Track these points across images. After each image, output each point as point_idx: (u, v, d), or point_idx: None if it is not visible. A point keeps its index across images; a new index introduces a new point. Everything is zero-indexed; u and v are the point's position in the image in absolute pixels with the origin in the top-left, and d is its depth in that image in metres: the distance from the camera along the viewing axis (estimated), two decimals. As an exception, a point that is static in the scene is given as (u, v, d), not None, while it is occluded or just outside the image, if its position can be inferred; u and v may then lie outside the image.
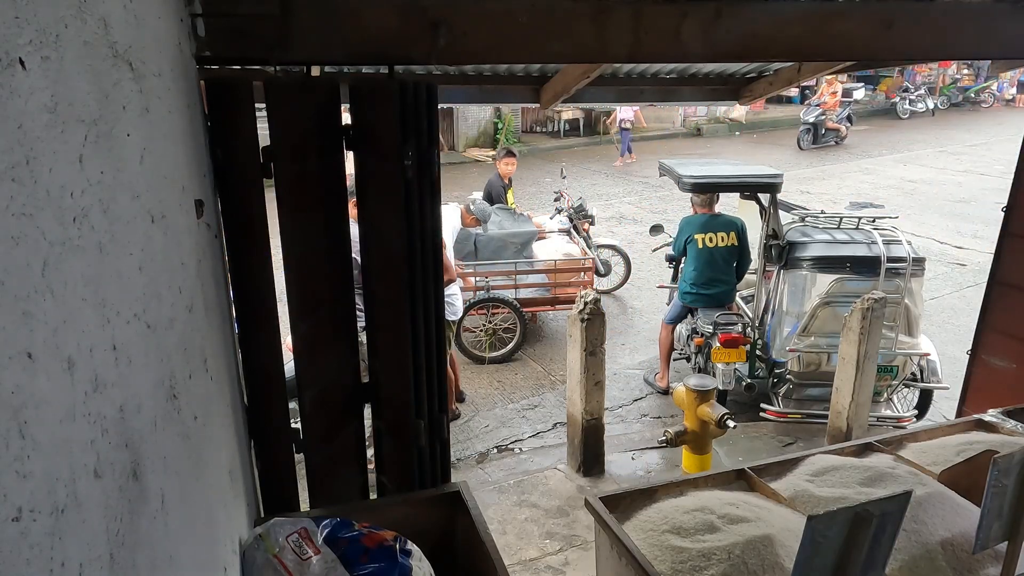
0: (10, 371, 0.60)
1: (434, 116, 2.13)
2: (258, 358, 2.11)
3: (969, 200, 11.30)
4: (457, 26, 2.00)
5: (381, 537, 1.78)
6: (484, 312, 6.10)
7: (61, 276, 0.72)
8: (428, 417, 2.34)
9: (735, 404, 5.19)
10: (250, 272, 2.04)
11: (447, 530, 2.13)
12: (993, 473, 1.81)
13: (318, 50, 1.97)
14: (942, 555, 2.13)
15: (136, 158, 1.05)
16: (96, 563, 0.74)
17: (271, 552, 1.68)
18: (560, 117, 16.35)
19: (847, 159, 14.57)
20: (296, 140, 1.99)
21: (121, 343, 0.89)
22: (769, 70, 4.05)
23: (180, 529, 1.12)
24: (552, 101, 3.82)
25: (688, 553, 2.08)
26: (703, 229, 5.25)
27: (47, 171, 0.70)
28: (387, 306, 2.21)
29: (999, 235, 3.59)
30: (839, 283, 4.81)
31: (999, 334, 3.59)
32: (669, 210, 9.77)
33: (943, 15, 2.52)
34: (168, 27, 1.44)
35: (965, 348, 3.81)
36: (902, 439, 2.87)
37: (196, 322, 1.42)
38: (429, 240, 2.20)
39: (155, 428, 1.02)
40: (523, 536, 3.71)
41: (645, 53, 2.23)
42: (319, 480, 2.30)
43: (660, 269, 7.32)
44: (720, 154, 14.39)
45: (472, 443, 4.99)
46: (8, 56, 0.63)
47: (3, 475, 0.57)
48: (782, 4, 2.33)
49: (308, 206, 2.05)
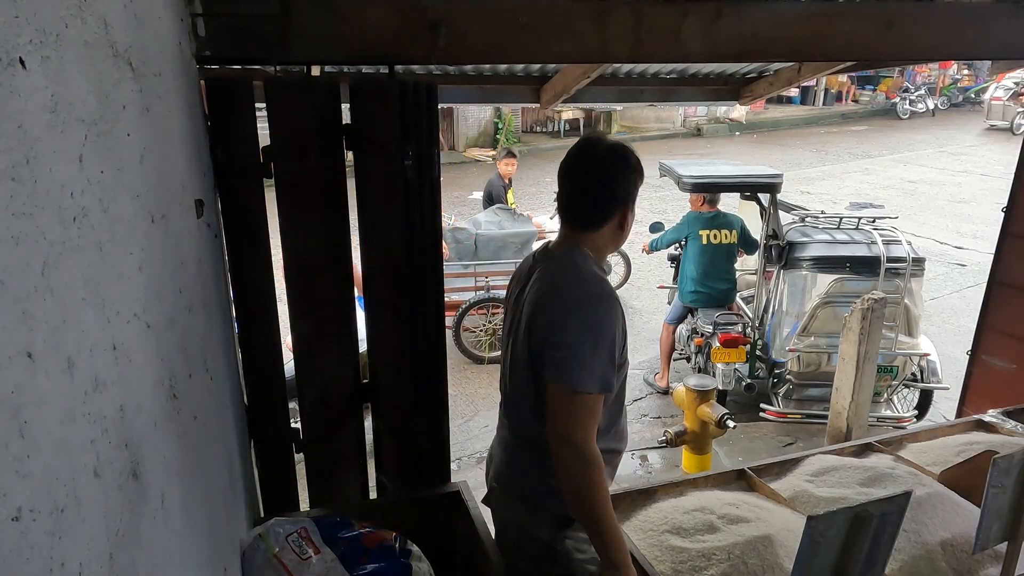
0: (10, 371, 0.60)
1: (434, 116, 2.13)
2: (258, 358, 2.11)
3: (969, 200, 11.30)
4: (457, 26, 2.00)
5: (381, 537, 1.78)
6: (484, 312, 6.11)
7: (61, 276, 0.72)
8: (428, 417, 2.34)
9: (735, 404, 5.19)
10: (250, 272, 2.05)
11: (447, 530, 2.13)
12: (993, 473, 1.81)
13: (318, 50, 1.97)
14: (942, 555, 2.13)
15: (136, 158, 1.05)
16: (96, 563, 0.74)
17: (271, 552, 1.68)
18: (560, 117, 16.35)
19: (847, 159, 14.57)
20: (296, 140, 1.99)
21: (121, 343, 0.89)
22: (769, 70, 4.05)
23: (180, 529, 1.12)
24: (552, 101, 3.82)
25: (688, 553, 2.08)
26: (707, 226, 5.26)
27: (47, 171, 0.70)
28: (387, 306, 2.21)
29: (999, 235, 3.58)
30: (839, 283, 4.81)
31: (999, 334, 3.59)
32: (669, 210, 9.76)
33: (943, 15, 2.52)
34: (168, 27, 1.44)
35: (965, 348, 3.81)
36: (902, 439, 2.87)
37: (196, 322, 1.42)
38: (429, 240, 2.20)
39: (155, 428, 1.02)
40: (523, 536, 3.70)
41: (645, 53, 2.23)
42: (319, 480, 2.30)
43: (660, 269, 7.32)
44: (720, 154, 14.39)
45: (472, 443, 4.99)
46: (8, 56, 0.63)
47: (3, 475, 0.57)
48: (782, 4, 2.33)
49: (308, 206, 2.05)
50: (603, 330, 1.69)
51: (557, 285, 1.77)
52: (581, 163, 1.80)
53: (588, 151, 1.81)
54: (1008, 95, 17.38)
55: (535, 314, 1.76)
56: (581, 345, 1.66)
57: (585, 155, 1.80)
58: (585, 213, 1.81)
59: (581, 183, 1.80)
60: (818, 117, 19.05)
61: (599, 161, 1.78)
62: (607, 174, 1.78)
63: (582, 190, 1.80)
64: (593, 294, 1.73)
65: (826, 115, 19.32)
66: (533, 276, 1.84)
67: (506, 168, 7.20)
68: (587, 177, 1.79)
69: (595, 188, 1.79)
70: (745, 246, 5.41)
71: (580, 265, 1.77)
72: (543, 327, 1.73)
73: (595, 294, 1.74)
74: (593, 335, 1.67)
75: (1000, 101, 17.48)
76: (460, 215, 7.54)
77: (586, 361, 1.65)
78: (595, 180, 1.79)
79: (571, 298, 1.73)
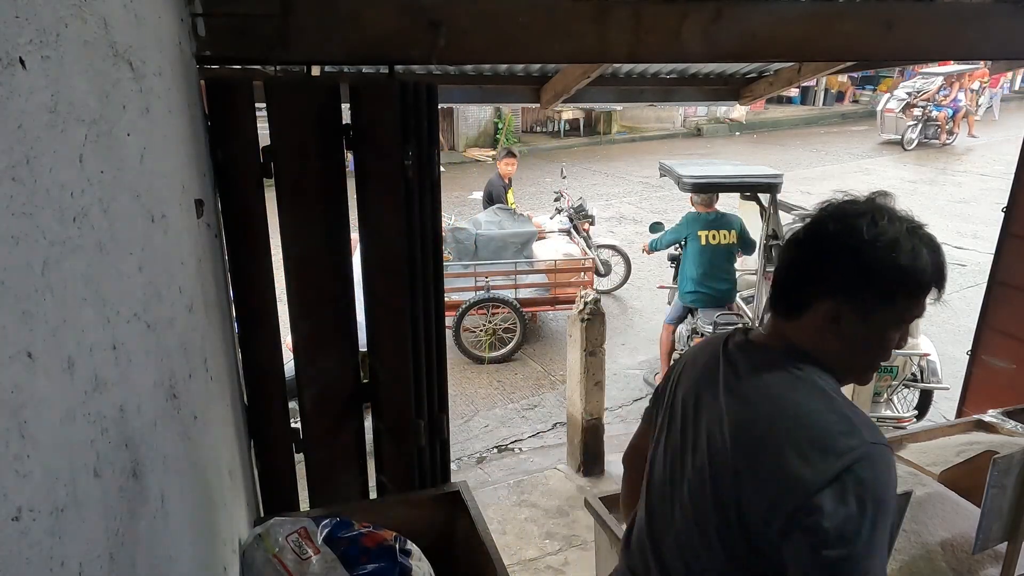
0: (10, 371, 0.60)
1: (434, 116, 2.13)
2: (258, 358, 2.11)
3: (969, 200, 11.30)
4: (457, 26, 2.00)
5: (381, 537, 1.78)
6: (484, 312, 6.11)
7: (61, 276, 0.72)
8: (428, 417, 2.34)
9: (735, 404, 5.18)
10: (250, 272, 2.04)
11: (447, 530, 2.13)
12: (993, 473, 1.81)
13: (318, 50, 1.97)
14: (942, 555, 2.13)
15: (136, 157, 1.05)
16: (96, 563, 0.74)
17: (271, 552, 1.68)
18: (560, 117, 16.34)
19: (847, 159, 14.58)
20: (296, 140, 1.99)
21: (121, 343, 0.89)
22: (769, 70, 4.05)
23: (180, 529, 1.12)
24: (552, 101, 3.82)
25: (688, 553, 2.07)
26: (707, 226, 5.26)
27: (47, 170, 0.70)
28: (387, 306, 2.21)
29: (999, 235, 3.58)
30: (839, 283, 4.80)
31: (999, 334, 3.59)
32: (669, 210, 9.76)
33: (943, 15, 2.52)
34: (168, 27, 1.44)
35: (965, 348, 3.81)
36: (902, 439, 2.87)
37: (196, 322, 1.42)
38: (429, 240, 2.20)
39: (155, 428, 1.02)
40: (523, 536, 3.71)
41: (645, 53, 2.23)
42: (319, 480, 2.30)
43: (660, 269, 7.32)
44: (720, 154, 14.38)
45: (472, 443, 4.99)
46: (8, 56, 0.63)
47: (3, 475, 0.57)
48: (782, 4, 2.33)
49: (308, 206, 2.05)
50: (885, 509, 1.10)
51: (799, 418, 1.16)
52: (810, 228, 1.28)
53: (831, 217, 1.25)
54: (901, 106, 15.45)
55: (757, 455, 1.17)
56: (858, 536, 1.07)
57: (824, 220, 1.25)
58: (781, 292, 1.31)
59: (793, 251, 1.30)
60: (818, 117, 19.04)
61: (832, 233, 1.22)
62: (831, 249, 1.22)
63: (789, 260, 1.30)
64: (866, 443, 1.12)
65: (826, 115, 19.30)
66: (728, 380, 1.29)
67: (506, 168, 7.20)
68: (801, 247, 1.28)
69: (803, 261, 1.28)
70: (743, 247, 5.41)
71: (823, 387, 1.20)
72: (781, 488, 1.12)
73: (868, 444, 1.12)
74: (872, 518, 1.08)
75: (893, 113, 15.54)
76: (460, 215, 7.54)
77: (870, 565, 1.08)
78: (809, 252, 1.27)
79: (830, 446, 1.11)
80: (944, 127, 15.44)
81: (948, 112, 15.48)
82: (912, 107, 15.47)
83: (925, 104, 15.42)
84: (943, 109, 15.44)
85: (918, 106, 15.43)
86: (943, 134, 15.48)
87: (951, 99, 15.58)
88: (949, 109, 15.51)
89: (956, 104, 15.66)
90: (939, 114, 15.39)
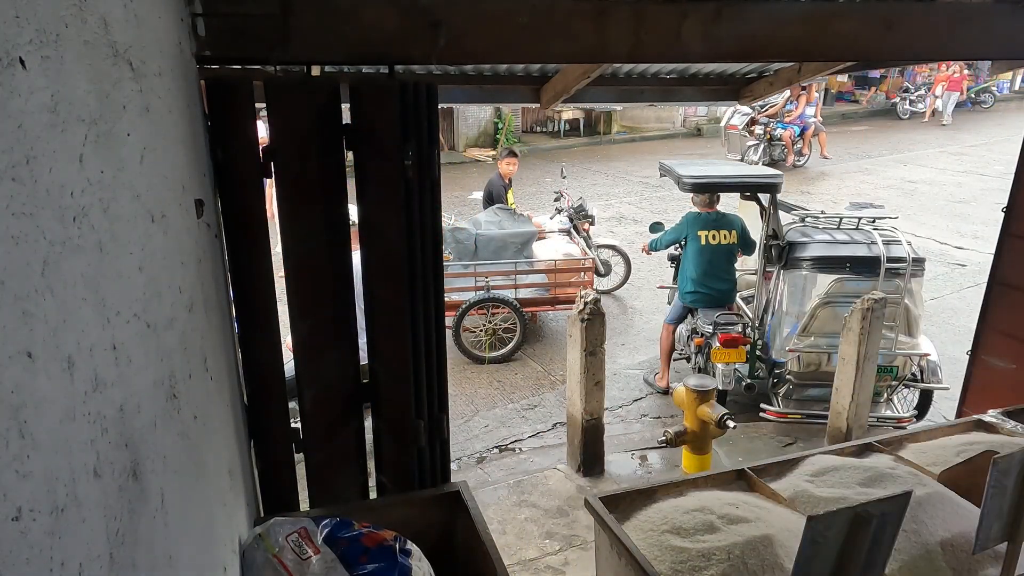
0: (10, 371, 0.60)
1: (434, 116, 2.13)
2: (258, 358, 2.11)
3: (969, 200, 11.30)
4: (457, 26, 2.00)
5: (381, 537, 1.78)
6: (484, 312, 6.11)
7: (61, 276, 0.72)
8: (428, 417, 2.34)
9: (735, 404, 5.19)
10: (250, 272, 2.04)
11: (447, 530, 2.13)
12: (993, 473, 1.81)
13: (318, 50, 1.97)
14: (942, 555, 2.13)
15: (136, 157, 1.05)
16: (96, 563, 0.74)
17: (271, 552, 1.68)
18: (560, 117, 16.34)
19: (847, 159, 14.57)
20: (296, 140, 1.99)
21: (121, 343, 0.89)
22: (769, 70, 4.05)
23: (180, 529, 1.12)
24: (552, 101, 3.82)
25: (688, 553, 2.08)
26: (706, 227, 5.26)
27: (47, 170, 0.70)
28: (387, 306, 2.21)
29: (999, 235, 3.59)
30: (839, 283, 4.81)
31: (999, 334, 3.59)
32: (669, 210, 9.76)
33: (943, 15, 2.52)
34: (168, 27, 1.44)
35: (965, 348, 3.81)
36: (902, 439, 2.87)
37: (196, 322, 1.42)
38: (429, 240, 2.20)
39: (155, 428, 1.02)
40: (523, 536, 3.71)
41: (645, 53, 2.23)
42: (319, 480, 2.30)
43: (660, 269, 7.32)
44: (720, 154, 14.38)
45: (472, 443, 4.99)
46: (8, 56, 0.63)
47: (3, 474, 0.57)
48: (782, 4, 2.33)
49: (308, 206, 2.05)
50: None
51: None
52: None
53: None
54: (744, 123, 13.23)
55: None
56: None
57: None
58: None
59: None
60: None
61: None
62: None
63: None
64: None
65: (826, 115, 19.31)
66: None
67: (507, 168, 7.20)
68: None
69: None
70: (744, 247, 5.41)
71: None
72: None
73: None
74: None
75: (736, 130, 13.34)
76: (460, 215, 7.54)
77: None
78: None
79: None
80: (791, 147, 13.23)
81: (795, 130, 13.30)
82: (754, 123, 13.31)
83: (767, 121, 13.28)
84: (788, 127, 13.25)
85: (759, 123, 13.29)
86: (790, 155, 13.26)
87: (797, 115, 13.38)
88: (796, 127, 13.34)
89: (804, 121, 13.44)
90: (784, 132, 13.20)
